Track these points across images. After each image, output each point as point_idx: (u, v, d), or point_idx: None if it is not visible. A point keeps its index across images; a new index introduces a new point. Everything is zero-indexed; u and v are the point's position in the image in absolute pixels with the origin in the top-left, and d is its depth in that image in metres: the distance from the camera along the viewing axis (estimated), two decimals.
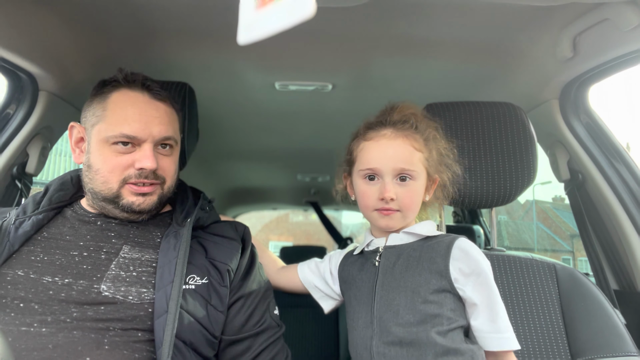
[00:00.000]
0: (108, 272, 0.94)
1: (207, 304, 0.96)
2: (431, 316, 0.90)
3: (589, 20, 1.16)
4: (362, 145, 1.05)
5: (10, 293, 0.88)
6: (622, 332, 1.06)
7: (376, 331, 0.94)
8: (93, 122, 1.01)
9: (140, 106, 1.01)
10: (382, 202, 0.98)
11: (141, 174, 0.99)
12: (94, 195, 1.02)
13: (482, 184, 1.21)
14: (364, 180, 1.02)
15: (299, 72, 1.57)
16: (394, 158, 0.98)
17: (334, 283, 1.14)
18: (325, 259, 1.20)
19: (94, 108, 1.03)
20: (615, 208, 1.36)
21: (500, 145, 1.23)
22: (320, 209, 4.11)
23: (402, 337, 0.90)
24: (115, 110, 1.00)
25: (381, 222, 1.01)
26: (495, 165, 1.22)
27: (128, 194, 1.00)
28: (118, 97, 1.02)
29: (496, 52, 1.40)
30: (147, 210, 1.03)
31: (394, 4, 1.15)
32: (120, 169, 0.98)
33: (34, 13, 1.17)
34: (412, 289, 0.94)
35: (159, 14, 1.22)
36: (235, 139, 2.40)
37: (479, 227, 2.36)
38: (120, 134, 0.97)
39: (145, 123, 0.99)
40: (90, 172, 1.01)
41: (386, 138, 1.01)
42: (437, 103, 1.28)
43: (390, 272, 0.98)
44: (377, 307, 0.96)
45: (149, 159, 0.98)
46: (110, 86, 1.03)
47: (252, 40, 0.66)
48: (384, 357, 0.91)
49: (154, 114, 1.02)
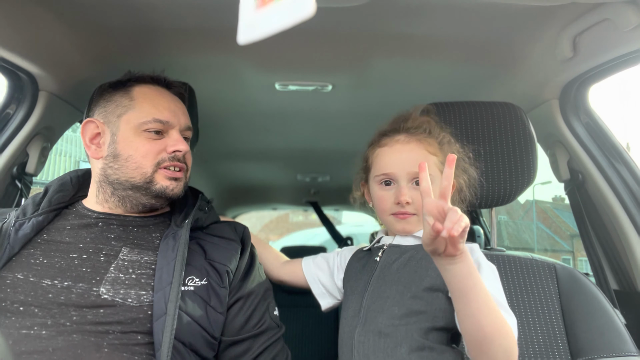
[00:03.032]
0: (107, 274, 0.93)
1: (206, 305, 0.96)
2: (416, 312, 0.91)
3: (589, 20, 1.16)
4: (377, 151, 1.07)
5: (10, 296, 0.88)
6: (622, 332, 1.06)
7: (361, 320, 0.95)
8: (119, 112, 1.05)
9: (167, 97, 1.09)
10: (398, 207, 0.99)
11: (174, 157, 1.04)
12: (120, 185, 1.03)
13: (482, 184, 1.21)
14: (380, 186, 1.03)
15: (299, 72, 1.57)
16: (409, 162, 1.00)
17: (338, 278, 1.14)
18: (335, 252, 1.21)
19: (117, 100, 1.06)
20: (615, 208, 1.36)
21: (500, 145, 1.23)
22: (320, 209, 4.11)
23: (382, 328, 0.91)
24: (145, 99, 1.05)
25: (397, 226, 1.02)
26: (495, 165, 1.22)
27: (162, 179, 1.03)
28: (143, 89, 1.08)
29: (496, 52, 1.40)
30: (177, 195, 1.07)
31: (394, 4, 1.15)
32: (153, 153, 1.02)
33: (34, 13, 1.17)
34: (404, 283, 0.95)
35: (159, 13, 1.22)
36: (235, 139, 2.39)
37: (479, 227, 2.36)
38: (153, 119, 1.03)
39: (174, 111, 1.07)
40: (118, 161, 1.02)
41: (400, 143, 1.03)
42: (437, 103, 1.28)
43: (388, 267, 1.00)
44: (368, 298, 0.97)
45: (182, 142, 1.05)
46: (132, 81, 1.09)
47: (252, 40, 0.66)
48: (362, 346, 0.92)
49: (179, 105, 1.11)
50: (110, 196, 1.05)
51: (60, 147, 9.29)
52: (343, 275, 1.13)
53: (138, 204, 1.05)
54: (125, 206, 1.05)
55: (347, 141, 2.35)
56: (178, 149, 1.03)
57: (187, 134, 1.12)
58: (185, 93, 1.19)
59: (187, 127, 1.10)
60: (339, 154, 2.59)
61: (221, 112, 1.97)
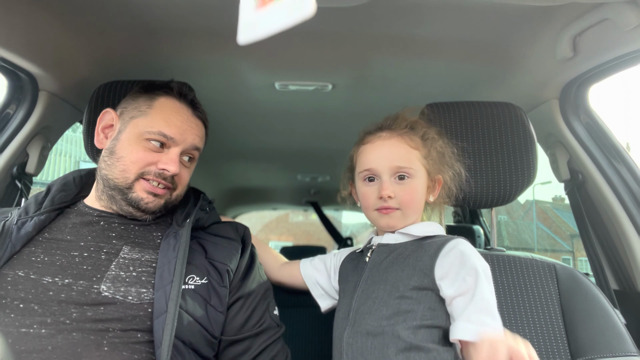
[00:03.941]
0: (108, 272, 0.94)
1: (206, 304, 0.96)
2: (404, 312, 0.90)
3: (589, 20, 1.16)
4: (360, 149, 1.08)
5: (11, 294, 0.88)
6: (622, 332, 1.06)
7: (350, 322, 0.95)
8: (133, 114, 1.06)
9: (183, 116, 1.08)
10: (381, 201, 0.99)
11: (160, 174, 1.03)
12: (106, 182, 1.04)
13: (482, 184, 1.21)
14: (364, 182, 1.04)
15: (299, 72, 1.57)
16: (390, 156, 1.00)
17: (334, 279, 1.15)
18: (331, 254, 1.21)
19: (138, 103, 1.08)
20: (615, 208, 1.36)
21: (500, 145, 1.23)
22: (320, 209, 4.11)
23: (370, 329, 0.91)
24: (162, 111, 1.06)
25: (381, 222, 1.02)
26: (495, 165, 1.22)
27: (140, 189, 1.03)
28: (166, 102, 1.08)
29: (496, 52, 1.40)
30: (151, 210, 1.05)
31: (394, 4, 1.15)
32: (142, 163, 1.02)
33: (34, 13, 1.17)
34: (392, 283, 0.94)
35: (159, 13, 1.22)
36: (235, 139, 2.40)
37: (479, 227, 2.36)
38: (158, 131, 1.03)
39: (184, 130, 1.06)
40: (111, 157, 1.04)
41: (381, 139, 1.04)
42: (437, 103, 1.28)
43: (377, 267, 1.00)
44: (357, 299, 0.97)
45: (174, 163, 1.03)
46: (161, 90, 1.09)
47: (252, 40, 0.66)
48: (351, 348, 0.92)
49: (192, 125, 1.09)
50: (102, 193, 1.06)
51: (60, 147, 9.30)
52: (338, 277, 1.14)
53: (121, 208, 1.04)
54: (114, 206, 1.05)
55: (348, 141, 2.34)
56: (167, 168, 1.02)
57: (193, 153, 1.11)
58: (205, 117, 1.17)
59: (193, 147, 1.09)
60: (339, 154, 2.58)
61: (221, 112, 1.97)
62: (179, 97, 1.10)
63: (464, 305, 0.85)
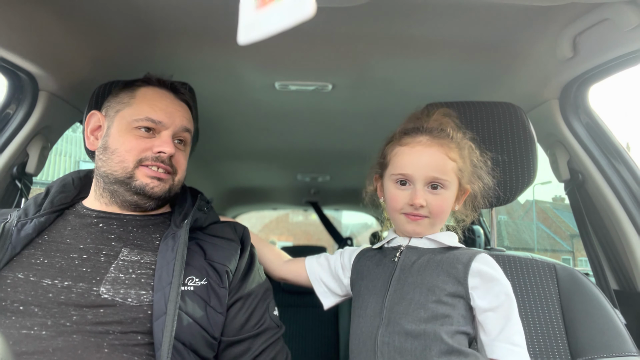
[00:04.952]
0: (107, 274, 0.94)
1: (206, 305, 0.96)
2: (442, 315, 0.91)
3: (589, 20, 1.16)
4: (396, 149, 1.05)
5: (10, 296, 0.88)
6: (622, 332, 1.06)
7: (384, 321, 0.95)
8: (117, 108, 1.09)
9: (167, 100, 1.11)
10: (412, 208, 0.99)
11: (158, 157, 1.05)
12: (106, 178, 1.05)
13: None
14: (395, 185, 1.03)
15: (299, 72, 1.57)
16: (428, 166, 0.99)
17: (345, 276, 1.14)
18: (337, 253, 1.21)
19: (120, 97, 1.10)
20: (615, 208, 1.36)
21: (500, 145, 1.23)
22: (320, 209, 4.11)
23: (410, 329, 0.91)
24: (144, 99, 1.08)
25: (408, 227, 1.02)
26: (495, 166, 1.22)
27: (142, 176, 1.04)
28: (147, 90, 1.11)
29: (496, 52, 1.40)
30: (158, 195, 1.06)
31: (394, 4, 1.15)
32: (138, 150, 1.04)
33: (34, 13, 1.17)
34: (427, 287, 0.95)
35: (159, 14, 1.22)
36: (235, 139, 2.39)
37: (479, 227, 2.36)
38: (145, 117, 1.05)
39: (171, 113, 1.08)
40: (105, 153, 1.06)
41: (421, 145, 1.02)
42: (437, 103, 1.28)
43: (408, 269, 1.00)
44: (390, 299, 0.97)
45: (168, 144, 1.05)
46: (140, 82, 1.12)
47: (252, 40, 0.66)
48: (388, 347, 0.92)
49: (178, 108, 1.12)
50: (103, 191, 1.07)
51: (60, 147, 9.29)
52: (350, 274, 1.13)
53: (125, 200, 1.06)
54: (117, 203, 1.07)
55: (347, 141, 2.35)
56: (163, 150, 1.04)
57: (184, 136, 1.12)
58: (189, 98, 1.19)
59: (183, 128, 1.11)
60: (339, 154, 2.59)
61: (221, 112, 1.97)
62: (159, 84, 1.13)
63: (500, 324, 0.91)
